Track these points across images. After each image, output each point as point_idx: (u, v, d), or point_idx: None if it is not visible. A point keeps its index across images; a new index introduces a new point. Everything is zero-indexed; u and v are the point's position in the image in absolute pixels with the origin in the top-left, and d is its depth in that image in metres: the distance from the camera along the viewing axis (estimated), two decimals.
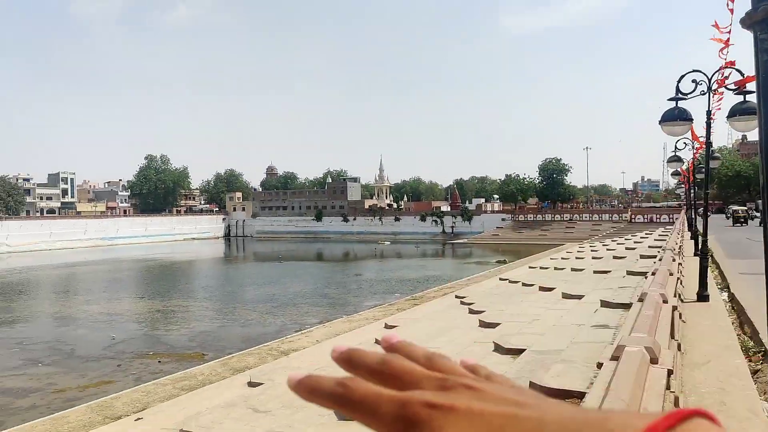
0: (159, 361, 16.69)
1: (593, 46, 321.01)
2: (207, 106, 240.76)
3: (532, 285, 16.91)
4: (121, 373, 15.62)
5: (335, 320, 19.29)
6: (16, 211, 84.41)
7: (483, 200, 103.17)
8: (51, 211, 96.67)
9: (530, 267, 25.43)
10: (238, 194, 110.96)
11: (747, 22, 1.77)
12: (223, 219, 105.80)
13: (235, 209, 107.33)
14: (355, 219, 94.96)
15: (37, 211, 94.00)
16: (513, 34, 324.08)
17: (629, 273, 15.73)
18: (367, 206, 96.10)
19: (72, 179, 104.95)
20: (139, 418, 8.18)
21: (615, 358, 3.90)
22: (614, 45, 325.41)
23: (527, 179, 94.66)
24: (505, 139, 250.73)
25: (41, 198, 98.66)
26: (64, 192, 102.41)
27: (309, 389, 0.46)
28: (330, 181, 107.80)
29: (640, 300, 6.29)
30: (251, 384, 9.15)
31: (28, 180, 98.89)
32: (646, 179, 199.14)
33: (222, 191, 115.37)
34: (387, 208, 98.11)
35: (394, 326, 13.06)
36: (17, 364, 17.12)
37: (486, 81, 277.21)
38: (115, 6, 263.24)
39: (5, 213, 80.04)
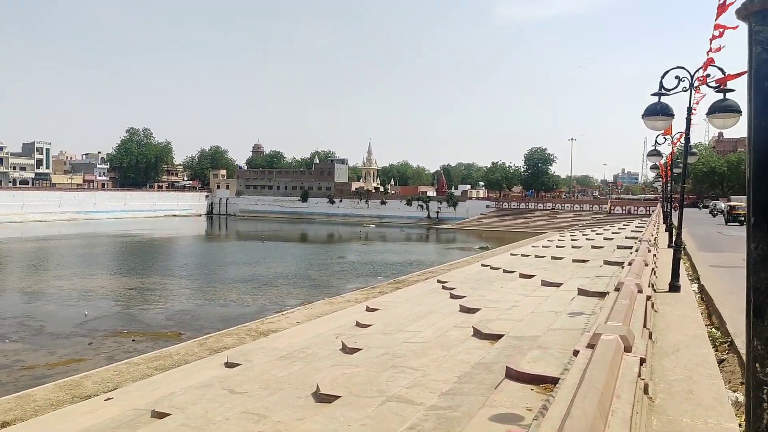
0: (133, 340, 16.49)
1: (583, 37, 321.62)
2: (194, 80, 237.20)
3: (512, 272, 17.03)
4: (92, 351, 15.36)
5: (316, 302, 19.25)
6: None
7: (469, 187, 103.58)
8: (24, 182, 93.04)
9: (512, 254, 25.60)
10: (223, 171, 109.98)
11: (743, 12, 1.75)
12: (206, 196, 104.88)
13: (219, 187, 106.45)
14: (341, 201, 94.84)
15: (10, 182, 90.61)
16: (506, 23, 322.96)
17: (606, 262, 15.93)
18: (353, 189, 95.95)
19: (48, 149, 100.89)
20: (110, 398, 8.06)
21: (591, 345, 3.90)
22: (604, 37, 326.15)
23: (513, 168, 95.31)
24: (493, 127, 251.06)
25: (14, 168, 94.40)
26: (39, 162, 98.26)
27: None
28: (317, 161, 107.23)
29: (617, 289, 6.34)
30: (228, 365, 9.08)
31: (0, 149, 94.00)
32: (626, 172, 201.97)
33: (206, 168, 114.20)
34: (374, 191, 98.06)
35: (376, 309, 13.06)
36: None
37: (477, 69, 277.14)
38: None
39: None
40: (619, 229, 36.19)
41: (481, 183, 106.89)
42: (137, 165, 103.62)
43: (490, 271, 18.81)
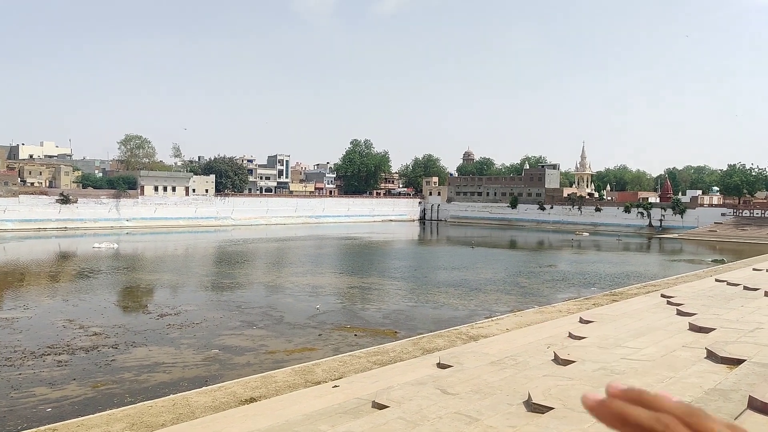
0: (355, 335, 17.88)
1: None
2: (409, 92, 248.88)
3: (756, 289, 15.05)
4: (321, 342, 17.06)
5: (526, 310, 18.98)
6: (241, 188, 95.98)
7: (700, 192, 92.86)
8: (268, 189, 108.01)
9: (755, 269, 22.65)
10: (435, 179, 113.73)
11: None
12: (419, 202, 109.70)
13: (431, 193, 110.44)
14: (552, 207, 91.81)
15: (258, 190, 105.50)
16: (744, 6, 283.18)
17: None
18: (565, 195, 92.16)
19: (287, 161, 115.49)
20: (336, 386, 8.91)
21: None
22: None
23: (756, 169, 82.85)
24: (728, 123, 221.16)
25: (261, 177, 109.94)
26: (280, 173, 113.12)
27: (616, 417, 0.46)
28: (527, 167, 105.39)
29: None
30: (440, 365, 9.41)
31: (251, 161, 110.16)
32: None
33: (419, 175, 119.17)
34: (587, 197, 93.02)
35: (590, 321, 12.46)
36: (237, 324, 19.63)
37: (703, 58, 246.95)
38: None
39: (232, 190, 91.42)
40: None
41: (715, 188, 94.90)
42: (359, 173, 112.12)
43: (727, 288, 16.82)
